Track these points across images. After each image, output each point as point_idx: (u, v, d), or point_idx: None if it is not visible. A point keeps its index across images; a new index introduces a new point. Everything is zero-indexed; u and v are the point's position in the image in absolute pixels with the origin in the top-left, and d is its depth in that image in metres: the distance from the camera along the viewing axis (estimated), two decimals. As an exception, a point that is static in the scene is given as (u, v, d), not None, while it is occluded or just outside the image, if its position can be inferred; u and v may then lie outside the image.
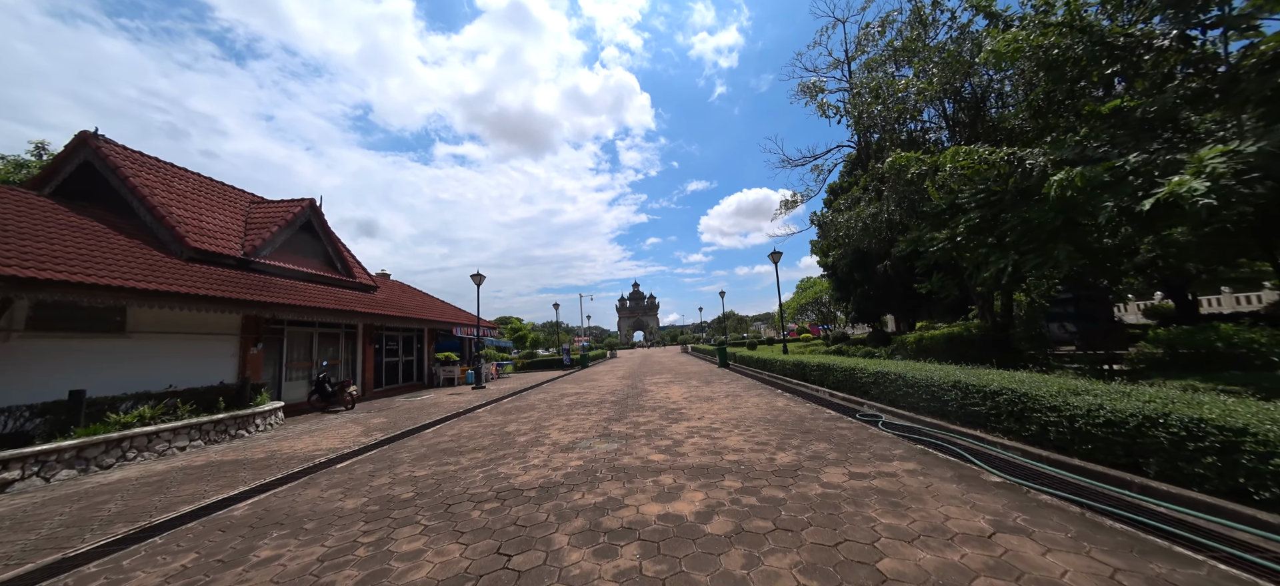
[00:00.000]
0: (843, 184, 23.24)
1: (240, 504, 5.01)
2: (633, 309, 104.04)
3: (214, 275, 10.88)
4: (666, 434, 7.29)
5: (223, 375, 11.20)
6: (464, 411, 11.56)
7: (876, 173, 13.30)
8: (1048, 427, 4.59)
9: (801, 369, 12.52)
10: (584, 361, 29.20)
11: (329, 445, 7.98)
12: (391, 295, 20.22)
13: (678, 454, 6.00)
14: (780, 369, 14.44)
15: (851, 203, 14.99)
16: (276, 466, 6.55)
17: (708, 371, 20.12)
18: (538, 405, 12.10)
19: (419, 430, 9.20)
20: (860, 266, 19.90)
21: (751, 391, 12.07)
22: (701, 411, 9.25)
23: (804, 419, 7.82)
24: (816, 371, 11.41)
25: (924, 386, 6.81)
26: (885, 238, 14.19)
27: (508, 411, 11.24)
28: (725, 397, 11.15)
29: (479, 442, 7.61)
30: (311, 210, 15.16)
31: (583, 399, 12.75)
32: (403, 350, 19.58)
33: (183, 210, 11.83)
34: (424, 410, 12.08)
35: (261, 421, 9.95)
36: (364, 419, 11.00)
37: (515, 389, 16.97)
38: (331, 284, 15.66)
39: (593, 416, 9.50)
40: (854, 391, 9.26)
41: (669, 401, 11.04)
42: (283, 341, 13.34)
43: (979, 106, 11.80)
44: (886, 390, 7.94)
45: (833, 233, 13.89)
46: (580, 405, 11.46)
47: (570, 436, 7.58)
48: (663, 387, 14.30)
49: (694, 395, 11.95)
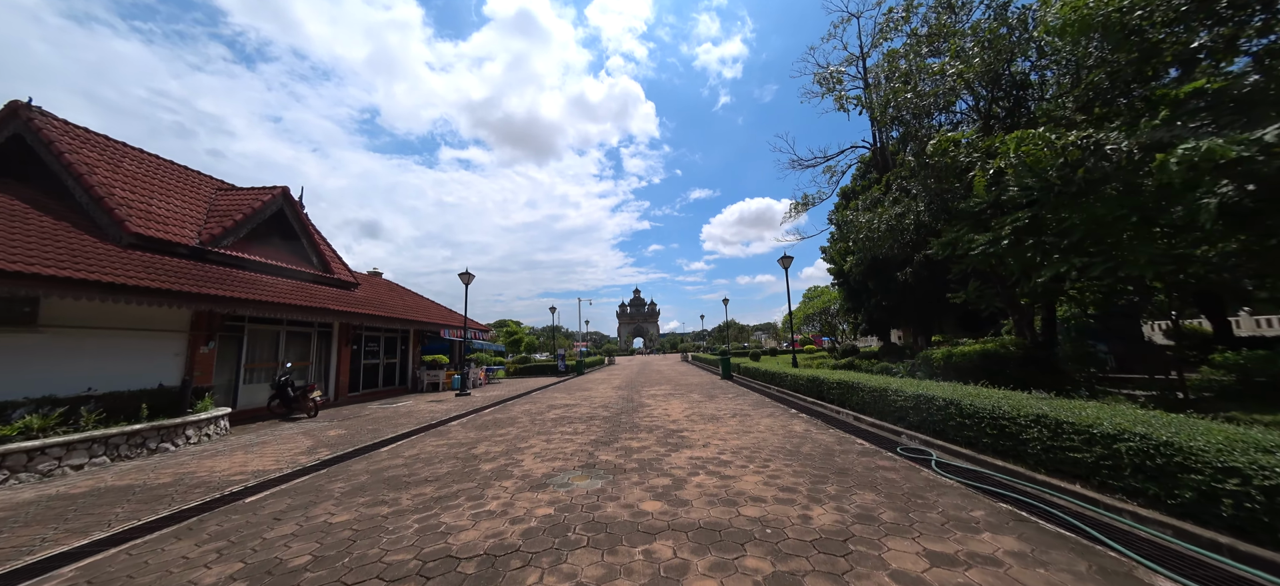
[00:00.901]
0: (855, 187, 21.87)
1: (66, 568, 3.57)
2: (633, 315, 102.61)
3: (158, 264, 9.51)
4: (664, 467, 5.83)
5: (166, 376, 9.79)
6: (436, 423, 10.12)
7: (904, 167, 11.91)
8: (1218, 497, 3.14)
9: (818, 386, 11.05)
10: (580, 368, 27.73)
11: (258, 466, 6.54)
12: (375, 293, 18.84)
13: (678, 501, 4.54)
14: (792, 384, 12.97)
15: (871, 203, 13.59)
16: (171, 498, 5.11)
17: (710, 383, 18.64)
18: (520, 418, 10.65)
19: (375, 448, 7.76)
20: (875, 274, 18.46)
21: (761, 410, 10.60)
22: (706, 435, 7.80)
23: (832, 451, 6.36)
24: (836, 390, 9.94)
25: (990, 418, 5.36)
26: (909, 242, 12.78)
27: (484, 426, 9.79)
28: (732, 417, 9.68)
29: (435, 470, 6.16)
30: (284, 199, 13.82)
31: (571, 413, 11.30)
32: (385, 352, 18.16)
33: (128, 192, 10.48)
34: (393, 420, 10.64)
35: (196, 432, 8.51)
36: (320, 430, 9.56)
37: (501, 397, 15.52)
38: (304, 279, 14.28)
39: (578, 437, 8.05)
40: (886, 416, 7.80)
41: (668, 420, 9.58)
42: (242, 340, 11.93)
43: (1019, 96, 10.42)
44: (931, 418, 6.48)
45: (852, 234, 12.48)
46: (567, 420, 10.01)
47: (546, 466, 6.13)
48: (661, 401, 12.84)
49: (696, 412, 10.48)
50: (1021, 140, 6.54)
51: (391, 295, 20.46)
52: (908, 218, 11.68)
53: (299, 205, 18.30)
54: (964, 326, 23.41)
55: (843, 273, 20.66)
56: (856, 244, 13.42)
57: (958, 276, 10.04)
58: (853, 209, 14.01)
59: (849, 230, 12.89)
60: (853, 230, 12.52)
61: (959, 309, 18.45)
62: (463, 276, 17.27)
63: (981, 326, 20.44)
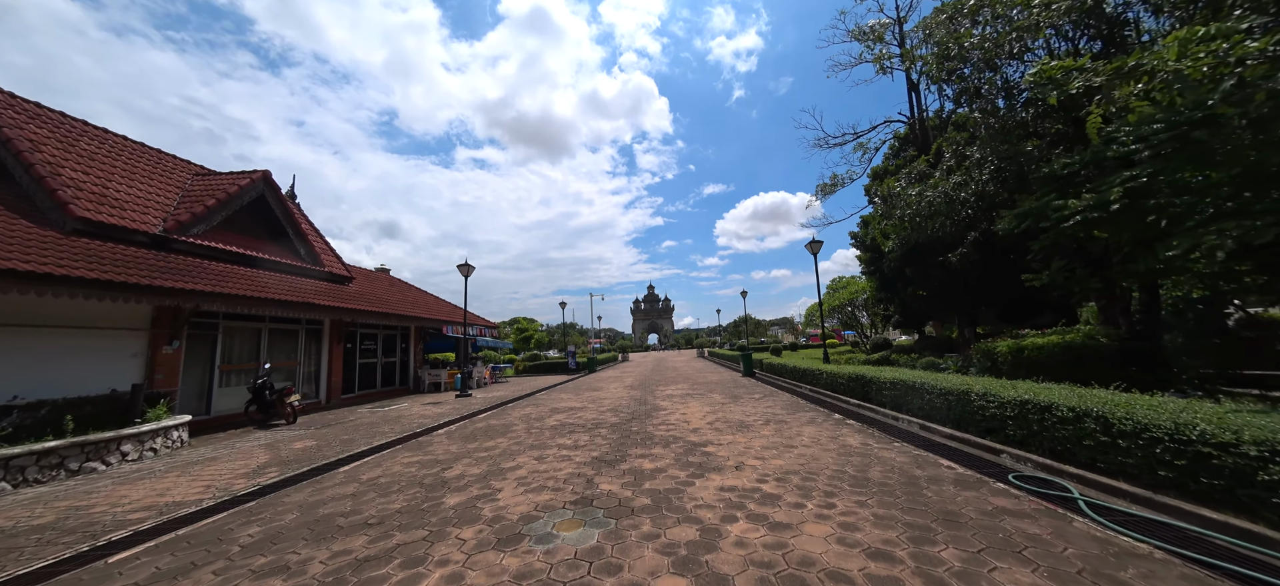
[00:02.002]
0: (887, 167, 19.79)
1: None
2: (647, 311, 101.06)
3: (105, 253, 8.25)
4: (687, 504, 4.21)
5: (122, 380, 8.57)
6: (419, 433, 8.67)
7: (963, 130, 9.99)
8: None
9: (864, 386, 9.27)
10: (591, 366, 26.24)
11: (178, 496, 5.15)
12: (373, 288, 17.62)
13: (713, 576, 2.92)
14: (829, 383, 11.18)
15: (918, 177, 11.67)
16: (12, 554, 3.70)
17: (731, 381, 16.92)
18: (516, 426, 9.14)
19: (332, 467, 6.32)
20: (914, 260, 16.44)
21: (797, 414, 8.88)
22: (738, 451, 6.14)
23: (914, 479, 4.64)
24: (891, 391, 8.16)
25: (1170, 439, 3.58)
26: (964, 219, 10.85)
27: (472, 436, 8.30)
28: (765, 423, 7.99)
29: (386, 505, 4.65)
30: (265, 184, 12.56)
31: (575, 418, 9.74)
32: (383, 351, 16.93)
33: (80, 173, 9.28)
34: (376, 428, 9.25)
35: (137, 446, 7.20)
36: (288, 441, 8.20)
37: (504, 398, 14.08)
38: (289, 272, 13.04)
39: (578, 453, 6.47)
40: (968, 426, 6.02)
41: (687, 428, 7.94)
42: (216, 338, 10.70)
43: (1113, 33, 8.42)
44: (1049, 434, 4.70)
45: (901, 209, 10.62)
46: (569, 429, 8.45)
47: (529, 500, 4.56)
48: (679, 404, 11.20)
49: (721, 418, 8.81)
50: (1186, 43, 4.67)
51: (392, 291, 19.25)
52: (967, 188, 9.77)
53: (290, 194, 17.16)
54: (1006, 317, 21.15)
55: (877, 259, 18.66)
56: (901, 222, 11.54)
57: (1039, 254, 8.16)
58: (894, 183, 12.08)
59: (895, 204, 10.99)
60: (900, 204, 10.64)
61: (1006, 298, 16.34)
62: (462, 269, 15.88)
63: (1026, 317, 18.18)
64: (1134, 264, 6.90)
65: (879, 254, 19.14)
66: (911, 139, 17.61)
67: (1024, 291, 16.54)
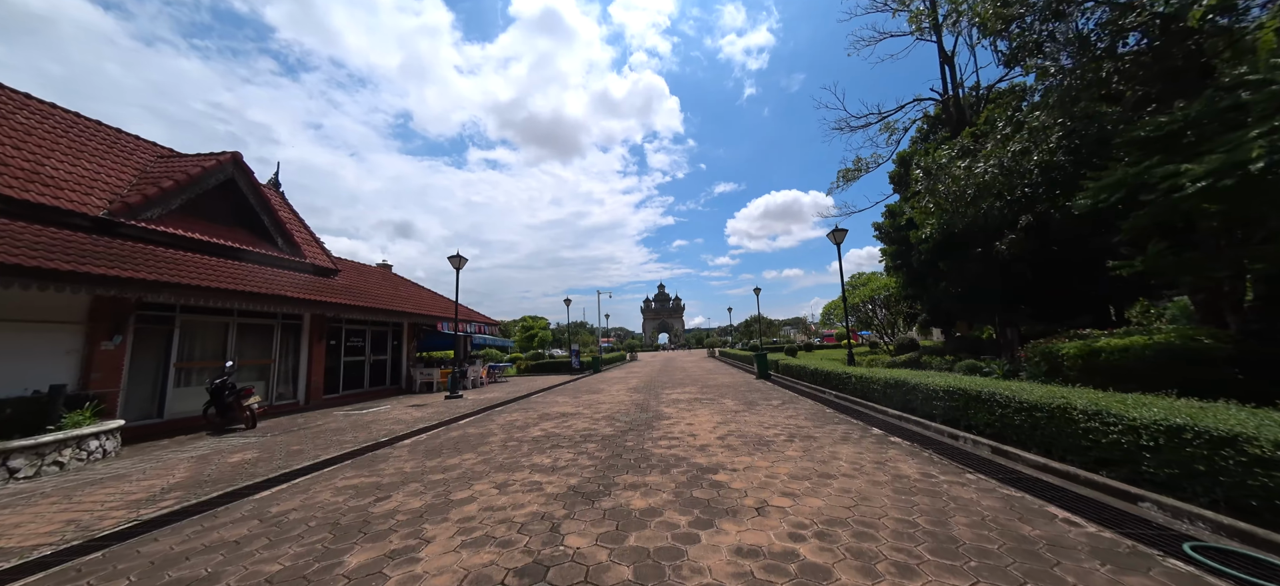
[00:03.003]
0: (914, 152, 18.00)
1: None
2: (658, 311, 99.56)
3: (31, 236, 7.11)
4: (688, 580, 2.74)
5: (46, 380, 7.40)
6: (382, 443, 7.34)
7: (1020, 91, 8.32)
8: None
9: (905, 393, 7.67)
10: (596, 365, 24.83)
11: (13, 542, 3.86)
12: (363, 283, 16.48)
13: None
14: (858, 388, 9.58)
15: (962, 152, 9.99)
16: None
17: (745, 384, 15.35)
18: (494, 436, 7.75)
19: (244, 495, 4.99)
20: (948, 251, 14.67)
21: (825, 426, 7.33)
22: (758, 482, 4.64)
23: (1022, 538, 3.09)
24: (944, 401, 6.57)
25: None
26: (1020, 197, 9.16)
27: (436, 451, 6.93)
28: (789, 440, 6.46)
29: (263, 567, 3.28)
30: (234, 167, 11.41)
31: (563, 428, 8.32)
32: (372, 348, 15.76)
33: (8, 147, 8.17)
34: (339, 435, 7.97)
35: (30, 461, 5.97)
36: (227, 453, 6.94)
37: (494, 401, 12.76)
38: (263, 262, 11.89)
39: (552, 481, 5.04)
40: (1073, 456, 4.43)
41: (694, 444, 6.45)
42: (172, 334, 9.54)
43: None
44: (1238, 483, 3.12)
45: (945, 186, 8.96)
46: (551, 443, 7.03)
47: (459, 566, 3.13)
48: (685, 411, 9.71)
49: (735, 431, 7.30)
50: None
51: (385, 286, 18.11)
52: (1030, 158, 8.10)
53: (273, 183, 16.09)
54: (1041, 317, 19.18)
55: (905, 251, 16.90)
56: (942, 203, 9.87)
57: (1129, 235, 6.50)
58: (940, 154, 10.35)
59: (938, 180, 9.32)
60: (945, 179, 8.97)
61: (1045, 296, 14.49)
62: (453, 260, 14.61)
63: (1064, 317, 16.20)
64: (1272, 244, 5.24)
65: (907, 246, 17.38)
66: (944, 119, 15.84)
67: (1065, 288, 14.66)
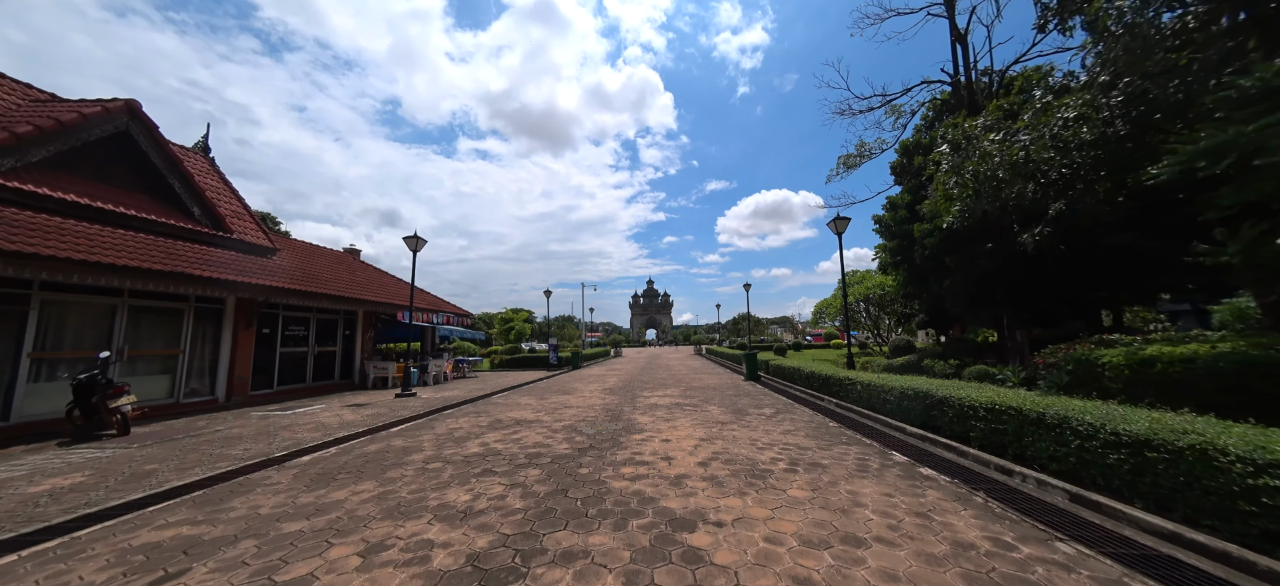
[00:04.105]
0: (919, 141, 16.63)
1: None
2: (646, 306, 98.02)
3: None
4: None
5: None
6: (258, 465, 5.62)
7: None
8: None
9: (929, 408, 6.18)
10: (576, 361, 23.15)
11: None
12: (310, 265, 14.57)
13: None
14: (863, 398, 8.10)
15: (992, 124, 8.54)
16: None
17: (732, 387, 13.87)
18: (416, 455, 6.08)
19: None
20: (957, 246, 13.33)
21: (832, 446, 5.81)
22: (757, 555, 3.06)
23: None
24: (987, 423, 5.09)
25: None
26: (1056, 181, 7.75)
27: (330, 477, 5.23)
28: (791, 467, 4.91)
29: None
30: (130, 118, 9.44)
31: (509, 444, 6.68)
32: (318, 339, 13.87)
33: None
34: (235, 446, 6.22)
35: None
36: (54, 473, 5.15)
37: (450, 400, 11.04)
38: (171, 234, 9.97)
39: (455, 538, 3.40)
40: (1225, 519, 2.96)
41: (666, 473, 4.86)
42: (26, 316, 7.64)
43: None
44: None
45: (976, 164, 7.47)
46: (484, 467, 5.38)
47: None
48: (663, 420, 8.14)
49: (722, 452, 5.74)
50: None
51: (339, 269, 16.19)
52: (1082, 128, 6.65)
53: (201, 147, 13.99)
54: (1039, 320, 18.07)
55: (907, 247, 15.54)
56: (966, 185, 8.41)
57: (1223, 211, 5.09)
58: (971, 124, 8.84)
59: (967, 156, 7.82)
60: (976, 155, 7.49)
61: (1048, 298, 13.28)
62: (409, 241, 12.79)
63: (1058, 321, 15.01)
64: None
65: (909, 241, 16.04)
66: (957, 101, 14.45)
67: (1066, 291, 13.44)
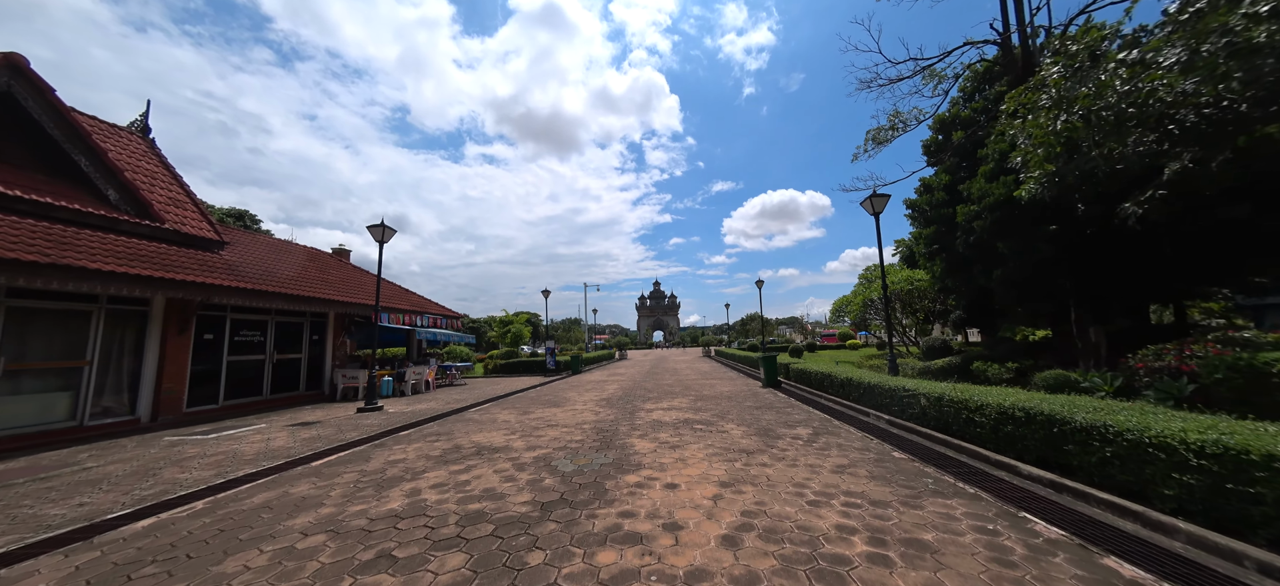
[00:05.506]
0: (955, 114, 14.50)
1: None
2: (653, 308, 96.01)
3: None
4: None
5: None
6: (49, 543, 3.76)
7: None
8: None
9: (1055, 440, 4.14)
10: (576, 365, 21.22)
11: None
12: (270, 260, 12.85)
13: None
14: (936, 419, 6.05)
15: (1095, 56, 6.44)
16: None
17: (751, 395, 11.86)
18: (317, 511, 4.18)
19: None
20: (1016, 229, 11.23)
21: (922, 502, 3.82)
22: None
23: None
24: (1200, 475, 3.05)
25: None
26: (1198, 121, 5.68)
27: (132, 564, 3.35)
28: (879, 556, 2.94)
29: None
30: (12, 74, 7.71)
31: (452, 490, 4.76)
32: (278, 345, 12.10)
33: None
34: (74, 497, 4.37)
35: None
36: None
37: (420, 416, 9.17)
38: (73, 221, 8.23)
39: None
40: None
41: (670, 576, 2.92)
42: None
43: None
44: None
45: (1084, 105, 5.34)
46: (399, 539, 3.46)
47: None
48: (668, 449, 6.16)
49: (760, 513, 3.76)
50: None
51: (309, 267, 14.45)
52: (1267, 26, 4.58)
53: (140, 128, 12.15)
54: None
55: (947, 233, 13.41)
56: (1056, 133, 6.33)
57: None
58: (1086, 44, 6.64)
59: (1070, 94, 5.67)
60: (1089, 91, 5.38)
61: (1117, 291, 11.14)
62: (373, 231, 10.97)
63: (1096, 315, 12.74)
64: None
65: (949, 226, 13.90)
66: (1004, 66, 12.34)
67: (1150, 278, 11.21)
